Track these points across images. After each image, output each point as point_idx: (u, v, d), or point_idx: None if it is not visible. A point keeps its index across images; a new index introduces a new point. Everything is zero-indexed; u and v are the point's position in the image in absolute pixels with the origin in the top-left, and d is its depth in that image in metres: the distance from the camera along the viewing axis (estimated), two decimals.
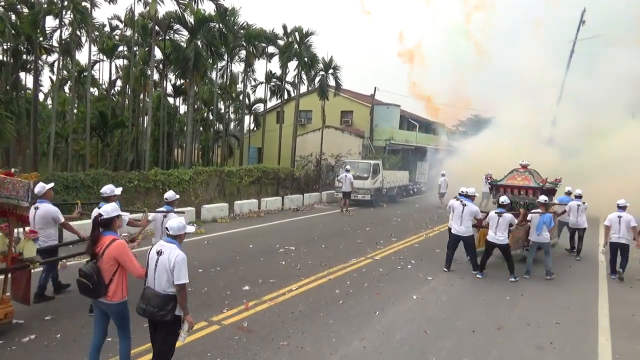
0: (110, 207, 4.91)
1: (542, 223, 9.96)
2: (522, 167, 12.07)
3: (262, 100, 38.54)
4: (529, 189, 11.58)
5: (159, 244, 4.72)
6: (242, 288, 8.54)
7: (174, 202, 8.32)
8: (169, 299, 4.52)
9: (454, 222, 10.13)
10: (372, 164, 23.18)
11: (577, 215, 12.25)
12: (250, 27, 30.64)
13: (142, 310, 4.56)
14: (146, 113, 29.57)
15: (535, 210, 10.27)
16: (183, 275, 4.49)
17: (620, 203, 10.43)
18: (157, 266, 4.56)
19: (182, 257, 4.52)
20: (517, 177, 11.91)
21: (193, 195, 18.16)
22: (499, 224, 9.63)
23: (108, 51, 32.95)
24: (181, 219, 4.88)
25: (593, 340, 6.84)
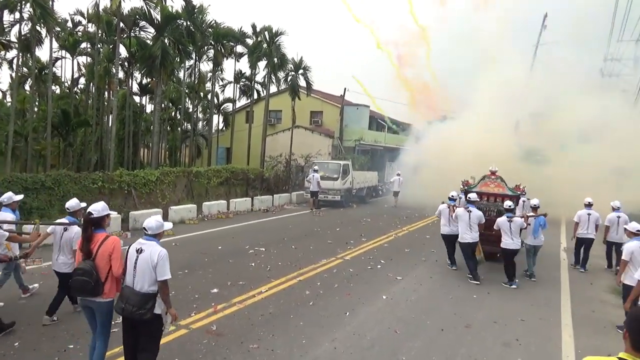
0: (100, 205, 4.92)
1: (539, 225, 10.04)
2: (492, 174, 11.86)
3: (231, 99, 38.09)
4: (505, 196, 11.34)
5: (138, 242, 4.68)
6: (210, 291, 8.39)
7: (78, 212, 6.74)
8: (148, 298, 4.51)
9: (462, 230, 9.90)
10: (342, 164, 23.27)
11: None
12: (218, 26, 30.22)
13: (121, 310, 4.52)
14: (111, 112, 28.76)
15: (531, 214, 10.33)
16: (166, 271, 4.56)
17: (588, 201, 11.41)
18: (137, 265, 4.55)
19: (165, 254, 4.59)
20: (490, 184, 11.69)
21: (160, 196, 17.77)
22: (512, 230, 9.49)
23: (70, 48, 31.85)
24: (158, 217, 4.90)
25: (557, 336, 7.03)
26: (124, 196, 16.29)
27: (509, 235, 9.49)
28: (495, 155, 18.75)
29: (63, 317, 6.76)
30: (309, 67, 30.04)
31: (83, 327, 6.26)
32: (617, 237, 10.77)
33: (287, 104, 31.08)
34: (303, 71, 29.92)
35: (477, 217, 9.82)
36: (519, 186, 11.73)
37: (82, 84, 37.56)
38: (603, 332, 7.31)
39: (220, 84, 38.14)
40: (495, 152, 19.85)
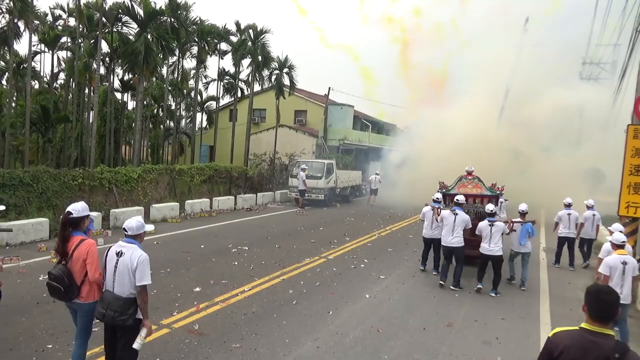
0: (80, 205, 4.72)
1: (526, 232, 9.61)
2: (468, 174, 11.40)
3: (214, 97, 37.84)
4: (484, 197, 10.92)
5: (119, 244, 4.50)
6: (193, 290, 8.33)
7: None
8: (130, 303, 4.36)
9: (444, 233, 9.48)
10: (326, 163, 23.29)
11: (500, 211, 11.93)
12: (203, 23, 29.98)
13: (102, 315, 4.35)
14: (92, 108, 28.32)
15: (517, 220, 9.84)
16: (146, 276, 4.38)
17: (568, 201, 11.79)
18: (117, 268, 4.38)
19: (145, 257, 4.40)
20: (468, 184, 11.20)
21: (142, 194, 17.56)
22: (492, 234, 9.03)
23: (50, 42, 31.26)
24: (139, 217, 4.71)
25: (535, 334, 7.16)
26: (105, 194, 16.05)
27: (487, 241, 9.07)
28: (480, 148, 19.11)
29: (41, 317, 6.64)
30: (293, 66, 30.02)
31: (62, 326, 6.19)
32: (592, 233, 11.53)
33: (272, 102, 30.98)
34: (288, 70, 29.85)
35: (462, 220, 9.34)
36: (495, 184, 11.35)
37: (62, 79, 36.97)
38: None
39: (203, 82, 37.92)
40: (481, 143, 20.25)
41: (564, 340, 2.87)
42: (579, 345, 2.80)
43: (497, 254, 9.02)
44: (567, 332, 2.93)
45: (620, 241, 6.78)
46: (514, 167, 22.18)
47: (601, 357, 2.73)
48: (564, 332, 2.94)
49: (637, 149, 8.75)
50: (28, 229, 11.58)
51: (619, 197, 9.03)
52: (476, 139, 22.03)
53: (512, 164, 22.48)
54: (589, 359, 2.74)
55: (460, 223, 9.31)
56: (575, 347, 2.80)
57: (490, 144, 22.34)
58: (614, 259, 6.55)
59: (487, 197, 10.85)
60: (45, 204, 13.71)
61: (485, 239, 9.09)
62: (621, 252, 6.65)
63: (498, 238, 9.05)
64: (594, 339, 2.78)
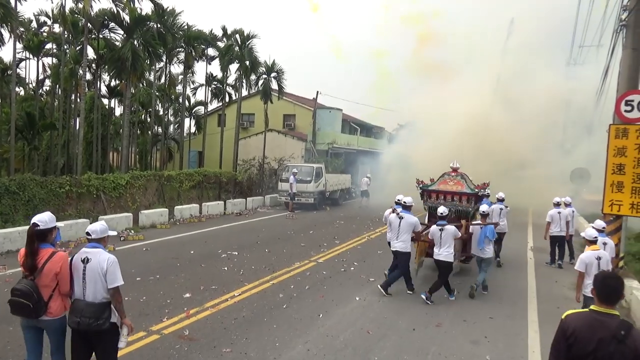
0: (47, 216, 4.45)
1: (484, 236, 8.99)
2: (453, 171, 10.99)
3: (203, 102, 37.74)
4: (462, 194, 10.37)
5: (83, 251, 4.39)
6: (183, 295, 8.31)
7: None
8: (104, 307, 4.29)
9: (391, 237, 9.11)
10: (315, 167, 23.37)
11: (499, 219, 11.63)
12: (190, 28, 29.94)
13: (76, 324, 4.25)
14: (78, 114, 28.08)
15: (476, 222, 9.44)
16: (118, 278, 4.31)
17: (557, 201, 12.13)
18: (86, 275, 4.28)
19: (113, 260, 4.34)
20: (449, 181, 10.76)
21: (130, 200, 17.46)
22: (442, 239, 8.50)
23: (34, 48, 30.97)
24: (102, 222, 4.64)
25: (523, 333, 7.25)
26: (93, 201, 15.94)
27: (438, 245, 8.55)
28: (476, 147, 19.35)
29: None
30: (281, 70, 30.08)
31: None
32: (572, 230, 12.03)
33: (260, 107, 30.98)
34: (276, 74, 29.90)
35: (408, 224, 8.72)
36: (487, 184, 11.05)
37: (48, 86, 36.59)
38: None
39: (191, 87, 37.83)
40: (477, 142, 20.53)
41: (574, 321, 3.18)
42: (588, 324, 3.11)
43: (445, 260, 8.48)
44: (578, 313, 3.27)
45: (593, 236, 6.95)
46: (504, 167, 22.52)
47: (608, 334, 3.01)
48: (575, 314, 3.26)
49: (619, 148, 8.92)
50: (14, 237, 11.45)
51: (603, 195, 9.19)
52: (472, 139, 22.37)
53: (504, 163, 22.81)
54: (597, 336, 3.03)
55: (406, 227, 8.70)
56: (585, 326, 3.10)
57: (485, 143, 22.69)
58: (588, 255, 6.70)
59: (466, 195, 10.37)
60: (32, 211, 13.55)
61: (436, 244, 8.60)
62: (594, 248, 6.83)
63: (449, 243, 8.47)
64: (601, 319, 3.09)
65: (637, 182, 8.77)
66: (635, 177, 8.78)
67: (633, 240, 12.03)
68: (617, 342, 2.98)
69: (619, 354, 2.97)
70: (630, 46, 9.14)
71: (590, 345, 3.04)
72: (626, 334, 2.99)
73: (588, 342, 3.06)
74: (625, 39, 9.33)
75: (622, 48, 9.53)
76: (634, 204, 8.84)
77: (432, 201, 10.63)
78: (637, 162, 8.76)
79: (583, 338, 3.08)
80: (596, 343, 3.02)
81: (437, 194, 10.72)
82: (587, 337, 3.07)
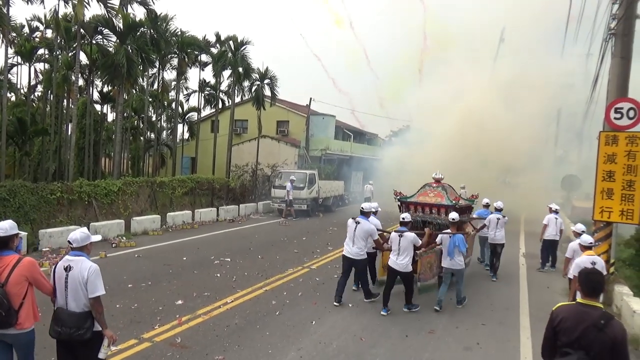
0: (8, 223, 4.37)
1: (454, 246, 8.40)
2: (435, 182, 10.43)
3: (196, 109, 37.61)
4: (440, 206, 9.84)
5: (65, 259, 4.32)
6: (175, 302, 8.26)
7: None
8: (85, 316, 4.22)
9: (346, 243, 8.64)
10: (309, 174, 23.37)
11: (496, 229, 11.31)
12: (183, 34, 29.92)
13: (57, 333, 4.19)
14: (70, 120, 27.90)
15: (446, 231, 8.74)
16: (99, 287, 4.24)
17: (554, 206, 12.42)
18: (68, 284, 4.21)
19: (95, 268, 4.27)
20: (430, 192, 10.19)
21: (122, 207, 17.35)
22: (400, 247, 8.02)
23: (26, 54, 30.79)
24: (83, 229, 4.55)
25: (515, 339, 7.29)
26: (85, 207, 15.82)
27: (394, 253, 8.10)
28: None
29: None
30: (275, 77, 30.06)
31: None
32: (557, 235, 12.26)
33: (253, 113, 30.96)
34: (269, 81, 29.92)
35: (364, 231, 8.34)
36: (476, 195, 11.08)
37: (40, 92, 36.35)
38: None
39: (184, 93, 37.65)
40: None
41: (562, 312, 3.63)
42: (574, 314, 3.54)
43: (403, 270, 8.02)
44: (566, 305, 3.72)
45: (588, 242, 7.25)
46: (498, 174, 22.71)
47: (590, 323, 3.43)
48: (563, 306, 3.72)
49: (609, 155, 9.02)
50: None
51: (593, 202, 9.28)
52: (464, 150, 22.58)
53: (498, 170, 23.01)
54: (582, 325, 3.45)
55: (361, 233, 8.30)
56: (571, 316, 3.54)
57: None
58: (584, 260, 6.90)
59: (444, 207, 9.75)
60: (23, 218, 13.44)
61: (393, 251, 8.13)
62: (589, 253, 7.07)
63: (408, 252, 8.03)
64: (585, 310, 3.51)
65: (626, 189, 8.86)
66: (625, 184, 8.88)
67: (623, 246, 12.13)
68: (597, 331, 3.38)
69: (600, 341, 3.36)
70: (619, 55, 9.27)
71: (575, 333, 3.46)
72: (606, 324, 3.39)
73: (573, 330, 3.48)
74: (614, 47, 9.46)
75: (611, 56, 9.65)
76: (623, 211, 8.93)
77: (411, 213, 9.82)
78: (626, 169, 8.86)
79: (569, 327, 3.50)
80: (580, 331, 3.43)
81: (416, 206, 10.21)
82: (573, 326, 3.48)
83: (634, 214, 8.81)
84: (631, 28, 9.19)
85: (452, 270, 8.58)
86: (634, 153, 8.79)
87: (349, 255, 8.46)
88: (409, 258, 8.00)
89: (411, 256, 8.07)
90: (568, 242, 15.73)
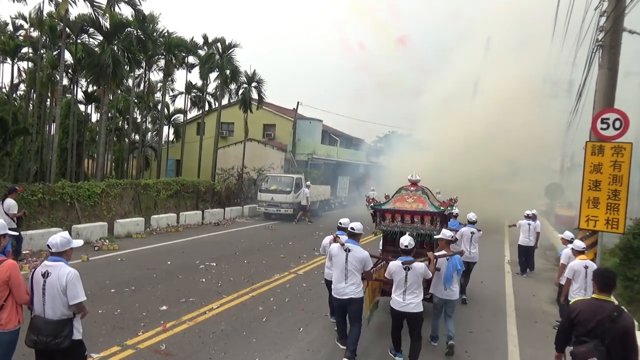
0: None
1: (453, 270, 6.81)
2: (412, 185, 8.55)
3: (182, 110, 37.29)
4: (425, 214, 8.01)
5: (44, 264, 4.19)
6: (159, 308, 8.10)
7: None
8: (63, 324, 4.08)
9: (335, 277, 6.44)
10: (295, 178, 23.31)
11: (470, 245, 9.85)
12: (170, 35, 29.67)
13: (34, 342, 4.06)
14: (53, 120, 27.43)
15: (440, 254, 6.95)
16: (79, 293, 4.12)
17: (526, 212, 12.72)
18: (46, 290, 4.07)
19: (74, 274, 4.13)
20: (408, 198, 8.37)
21: (105, 209, 17.04)
22: (408, 283, 6.01)
23: (10, 52, 30.20)
24: (64, 233, 4.39)
25: (503, 347, 7.28)
26: (67, 209, 15.49)
27: (401, 290, 6.11)
28: None
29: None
30: (262, 80, 29.98)
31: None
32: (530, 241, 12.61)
33: (240, 116, 30.79)
34: (257, 84, 29.80)
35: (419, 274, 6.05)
36: (454, 199, 8.64)
37: (22, 90, 35.67)
38: (546, 342, 7.61)
39: (170, 95, 37.34)
40: None
41: (580, 306, 4.21)
42: (590, 308, 4.11)
43: (415, 311, 6.04)
44: (582, 300, 4.36)
45: (581, 247, 7.55)
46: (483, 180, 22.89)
47: (605, 315, 3.98)
48: (580, 301, 4.36)
49: (595, 165, 9.10)
50: None
51: (580, 210, 9.36)
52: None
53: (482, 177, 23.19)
54: (597, 317, 3.99)
55: (356, 264, 6.24)
56: (587, 309, 4.11)
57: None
58: (577, 264, 7.21)
59: (429, 214, 7.97)
60: None
61: (398, 288, 6.13)
62: (582, 257, 7.35)
63: (417, 287, 6.06)
64: (600, 304, 4.08)
65: (612, 199, 8.95)
66: (610, 194, 8.96)
67: (608, 255, 12.27)
68: (611, 322, 3.93)
69: (613, 330, 3.91)
70: (606, 66, 9.38)
71: (591, 324, 4.00)
72: (618, 315, 3.94)
73: (589, 321, 4.02)
74: (601, 59, 9.58)
75: (598, 68, 9.77)
76: (609, 220, 9.00)
77: (387, 223, 8.39)
78: (612, 179, 8.94)
79: (586, 318, 4.05)
80: (596, 322, 3.98)
81: (393, 215, 8.34)
82: (589, 318, 4.03)
83: (619, 223, 8.89)
84: (618, 40, 9.31)
85: (446, 301, 6.94)
86: (620, 163, 8.88)
87: (342, 296, 6.24)
88: (420, 296, 6.08)
89: (422, 292, 6.15)
90: (551, 249, 15.98)
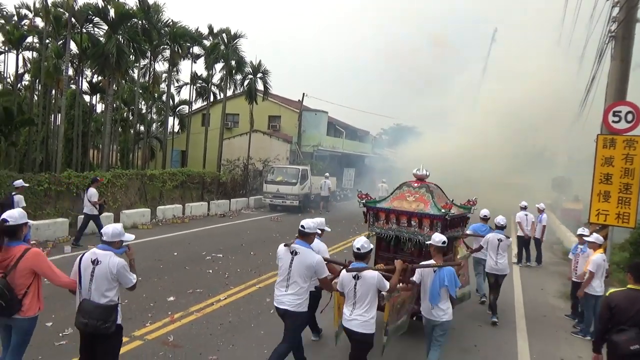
0: (17, 212, 4.34)
1: (440, 286, 5.37)
2: (417, 181, 7.28)
3: (187, 101, 37.21)
4: (424, 216, 6.67)
5: (93, 252, 4.33)
6: (166, 299, 8.10)
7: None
8: (111, 310, 4.23)
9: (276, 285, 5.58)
10: (301, 169, 23.26)
11: (497, 254, 8.26)
12: (175, 25, 29.52)
13: (84, 325, 4.16)
14: (59, 111, 27.46)
15: (426, 263, 5.67)
16: (131, 278, 4.38)
17: (523, 204, 13.23)
18: (94, 276, 4.21)
19: (123, 264, 4.31)
20: (409, 196, 7.09)
21: (111, 199, 17.04)
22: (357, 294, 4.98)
23: (15, 42, 30.15)
24: (118, 225, 4.57)
25: (512, 341, 7.25)
26: (72, 199, 15.50)
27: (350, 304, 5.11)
28: None
29: None
30: (267, 71, 29.80)
31: None
32: (538, 234, 13.12)
33: (245, 107, 30.69)
34: (262, 75, 29.64)
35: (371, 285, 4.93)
36: (473, 201, 7.67)
37: (27, 81, 35.65)
38: (554, 336, 7.59)
39: (176, 85, 37.22)
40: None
41: (617, 296, 4.47)
42: (628, 298, 4.40)
43: (362, 331, 4.96)
44: (619, 291, 4.57)
45: (601, 241, 7.66)
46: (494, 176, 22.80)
47: None
48: (616, 292, 4.57)
49: (607, 158, 8.99)
50: None
51: (590, 204, 9.26)
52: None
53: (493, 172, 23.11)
54: (635, 307, 4.32)
55: (302, 270, 5.40)
56: (626, 300, 4.39)
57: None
58: (598, 257, 7.35)
59: (428, 217, 6.64)
60: None
61: (348, 301, 5.11)
62: (600, 251, 7.48)
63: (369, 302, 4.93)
64: (636, 294, 4.38)
65: (623, 192, 8.84)
66: (621, 187, 8.85)
67: (617, 249, 12.19)
68: None
69: None
70: (619, 58, 9.24)
71: (630, 313, 4.31)
72: None
73: (629, 310, 4.32)
74: (614, 50, 9.42)
75: (610, 59, 9.61)
76: (620, 214, 8.90)
77: (381, 225, 7.20)
78: (623, 172, 8.83)
79: (625, 308, 4.34)
80: (635, 311, 4.29)
81: (388, 215, 7.08)
82: (628, 307, 4.33)
83: (630, 217, 8.80)
84: (631, 31, 9.16)
85: (433, 324, 5.58)
86: (632, 156, 8.76)
87: (278, 304, 5.43)
88: (372, 312, 4.95)
89: (375, 307, 5.01)
90: (558, 243, 15.88)
